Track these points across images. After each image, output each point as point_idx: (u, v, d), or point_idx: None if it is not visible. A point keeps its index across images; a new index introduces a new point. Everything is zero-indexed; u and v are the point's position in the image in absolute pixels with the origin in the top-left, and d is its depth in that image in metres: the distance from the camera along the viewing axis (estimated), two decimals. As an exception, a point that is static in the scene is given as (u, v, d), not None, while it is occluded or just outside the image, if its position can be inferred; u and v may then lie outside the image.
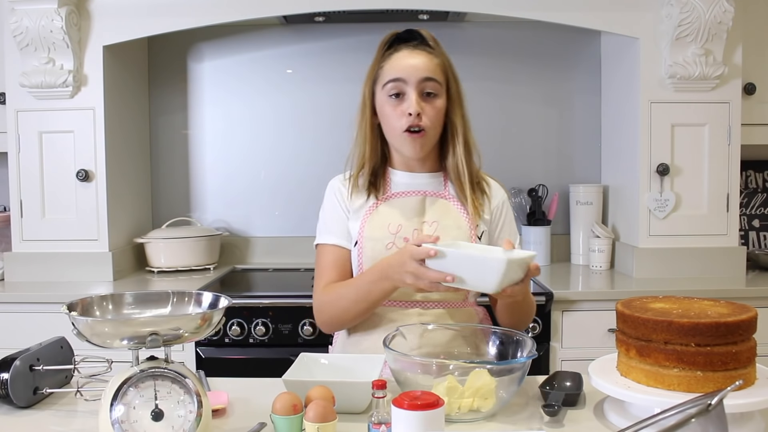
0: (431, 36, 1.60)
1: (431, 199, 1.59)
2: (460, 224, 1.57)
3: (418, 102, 1.51)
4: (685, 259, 2.49)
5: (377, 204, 1.59)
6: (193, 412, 1.08)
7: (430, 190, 1.61)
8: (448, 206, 1.59)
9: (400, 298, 1.55)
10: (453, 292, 1.50)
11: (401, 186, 1.61)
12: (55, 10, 2.39)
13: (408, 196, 1.59)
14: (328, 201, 1.65)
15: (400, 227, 1.55)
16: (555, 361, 2.30)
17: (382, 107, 1.56)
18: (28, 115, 2.52)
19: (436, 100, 1.54)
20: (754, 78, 2.54)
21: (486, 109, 2.93)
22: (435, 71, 1.54)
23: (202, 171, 3.01)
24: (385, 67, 1.55)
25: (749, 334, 1.15)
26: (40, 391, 1.34)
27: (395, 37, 1.59)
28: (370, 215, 1.57)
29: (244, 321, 2.28)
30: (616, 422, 1.19)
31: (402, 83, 1.52)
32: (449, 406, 1.18)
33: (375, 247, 1.55)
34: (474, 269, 1.29)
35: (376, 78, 1.57)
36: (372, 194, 1.59)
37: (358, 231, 1.57)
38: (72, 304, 1.13)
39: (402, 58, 1.54)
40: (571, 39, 2.92)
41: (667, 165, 2.48)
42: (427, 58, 1.54)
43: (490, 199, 1.63)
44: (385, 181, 1.61)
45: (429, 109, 1.53)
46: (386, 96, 1.54)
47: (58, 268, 2.53)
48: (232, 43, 2.96)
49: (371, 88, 1.58)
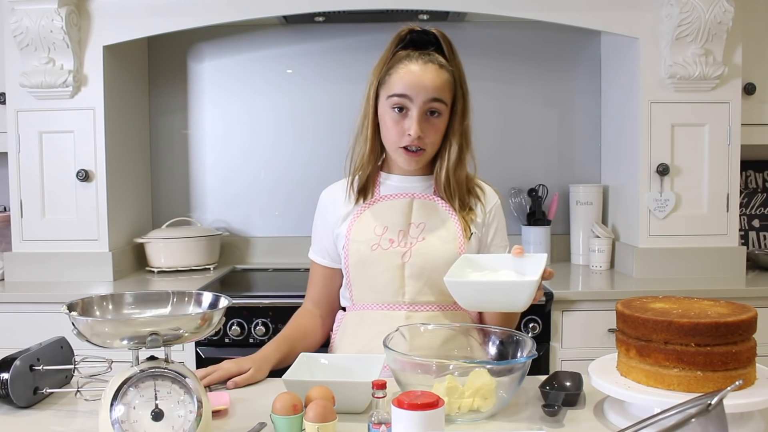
0: (448, 42, 1.55)
1: (419, 201, 1.59)
2: (448, 225, 1.57)
3: (420, 123, 1.49)
4: (685, 259, 2.49)
5: (365, 207, 1.60)
6: (193, 412, 1.08)
7: (419, 192, 1.61)
8: (437, 208, 1.59)
9: (388, 301, 1.56)
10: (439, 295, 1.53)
11: (391, 189, 1.61)
12: (55, 10, 2.39)
13: (396, 199, 1.60)
14: (316, 216, 1.70)
15: (386, 229, 1.56)
16: (555, 361, 2.30)
17: (384, 116, 1.54)
18: (28, 115, 2.52)
19: (438, 119, 1.52)
20: (754, 78, 2.54)
21: (486, 109, 2.93)
22: (443, 90, 1.50)
23: (202, 171, 3.01)
24: (393, 76, 1.51)
25: (749, 334, 1.15)
26: (40, 391, 1.34)
27: (409, 38, 1.54)
28: (358, 218, 1.59)
29: (244, 321, 2.28)
30: (616, 422, 1.19)
31: (407, 100, 1.49)
32: (449, 406, 1.18)
33: (360, 249, 1.56)
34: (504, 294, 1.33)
35: (382, 82, 1.53)
36: (361, 198, 1.60)
37: (345, 234, 1.59)
38: (72, 304, 1.13)
39: (412, 73, 1.49)
40: (571, 39, 2.92)
41: (667, 165, 2.48)
42: (438, 75, 1.50)
43: (484, 204, 1.62)
44: (375, 184, 1.61)
45: (430, 129, 1.51)
46: (389, 107, 1.51)
47: (58, 268, 2.53)
48: (232, 43, 2.96)
49: (376, 90, 1.55)
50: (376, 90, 1.55)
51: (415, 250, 1.54)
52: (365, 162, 1.58)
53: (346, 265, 1.59)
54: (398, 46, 1.54)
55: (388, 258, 1.54)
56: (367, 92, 1.57)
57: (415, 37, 1.54)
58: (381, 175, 1.63)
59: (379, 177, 1.63)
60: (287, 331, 1.65)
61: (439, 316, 1.54)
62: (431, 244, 1.55)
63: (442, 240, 1.55)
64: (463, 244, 1.55)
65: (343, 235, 1.59)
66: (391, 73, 1.52)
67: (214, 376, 1.42)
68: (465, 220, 1.57)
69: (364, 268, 1.56)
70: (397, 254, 1.54)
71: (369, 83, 1.57)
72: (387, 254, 1.55)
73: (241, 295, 2.33)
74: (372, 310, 1.57)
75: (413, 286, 1.54)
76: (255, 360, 1.50)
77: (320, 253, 1.68)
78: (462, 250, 1.54)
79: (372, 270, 1.55)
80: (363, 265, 1.56)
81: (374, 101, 1.56)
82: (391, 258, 1.54)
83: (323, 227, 1.67)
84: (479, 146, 1.63)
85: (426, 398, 1.04)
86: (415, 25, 1.55)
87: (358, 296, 1.60)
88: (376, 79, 1.55)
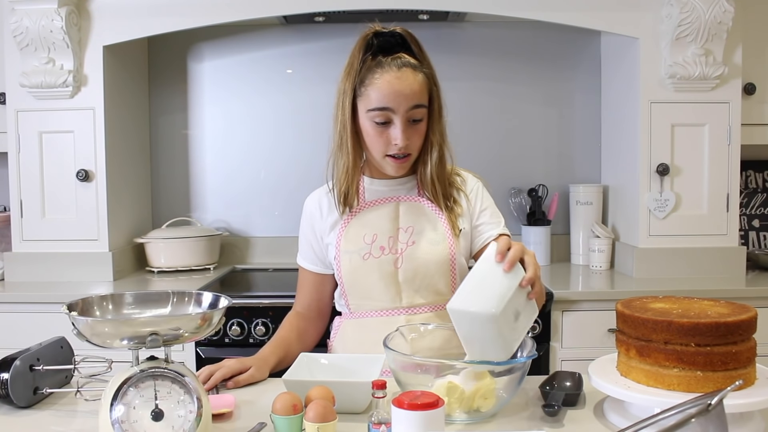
0: (415, 40, 1.53)
1: (405, 205, 1.59)
2: (436, 226, 1.56)
3: (405, 131, 1.48)
4: (685, 259, 2.49)
5: (351, 216, 1.58)
6: (193, 412, 1.08)
7: (404, 195, 1.60)
8: (423, 209, 1.58)
9: (386, 307, 1.55)
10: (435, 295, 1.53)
11: (375, 194, 1.61)
12: (55, 10, 2.39)
13: (381, 204, 1.59)
14: (303, 223, 1.68)
15: (376, 236, 1.56)
16: (555, 361, 2.30)
17: (365, 128, 1.52)
18: (28, 115, 2.52)
19: (420, 124, 1.51)
20: (754, 78, 2.54)
21: (486, 109, 2.93)
22: (421, 95, 1.49)
23: (202, 171, 3.01)
24: (369, 89, 1.48)
25: (749, 334, 1.15)
26: (40, 391, 1.34)
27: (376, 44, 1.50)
28: (346, 228, 1.58)
29: (244, 321, 2.28)
30: (616, 422, 1.19)
31: (389, 112, 1.47)
32: (449, 406, 1.18)
33: (352, 259, 1.56)
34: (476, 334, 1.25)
35: (359, 94, 1.50)
36: (347, 207, 1.58)
37: (335, 245, 1.58)
38: (72, 304, 1.13)
39: (389, 83, 1.46)
40: (571, 39, 2.92)
41: (667, 165, 2.48)
42: (414, 80, 1.47)
43: (466, 192, 1.62)
44: (358, 192, 1.60)
45: (414, 134, 1.51)
46: (370, 120, 1.49)
47: (58, 268, 2.53)
48: (232, 43, 2.96)
49: (352, 101, 1.51)
50: (352, 101, 1.51)
51: (407, 255, 1.54)
52: (350, 173, 1.56)
53: (339, 275, 1.59)
54: (366, 53, 1.51)
55: (380, 266, 1.54)
56: (340, 102, 1.53)
57: (382, 42, 1.51)
58: (364, 180, 1.62)
59: (362, 183, 1.61)
60: (282, 334, 1.64)
61: (438, 317, 1.54)
62: (421, 248, 1.55)
63: (431, 242, 1.55)
64: (453, 244, 1.55)
65: (333, 245, 1.59)
66: (366, 84, 1.49)
67: (217, 375, 1.42)
68: (452, 218, 1.57)
69: (358, 278, 1.56)
70: (389, 262, 1.54)
71: (340, 92, 1.53)
72: (379, 262, 1.54)
73: (241, 295, 2.33)
74: (371, 318, 1.57)
75: (409, 290, 1.55)
76: (256, 359, 1.50)
77: (309, 259, 1.67)
78: (452, 249, 1.55)
79: (366, 279, 1.55)
80: (356, 275, 1.56)
81: (351, 112, 1.52)
82: (384, 266, 1.54)
83: (312, 234, 1.65)
84: (480, 146, 1.64)
85: (426, 398, 1.04)
86: (379, 26, 1.53)
87: (355, 304, 1.60)
88: (351, 89, 1.51)
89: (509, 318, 1.23)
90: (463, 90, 2.92)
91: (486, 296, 1.22)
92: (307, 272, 1.68)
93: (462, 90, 2.91)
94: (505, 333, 1.22)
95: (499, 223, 1.63)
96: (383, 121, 1.49)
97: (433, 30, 2.88)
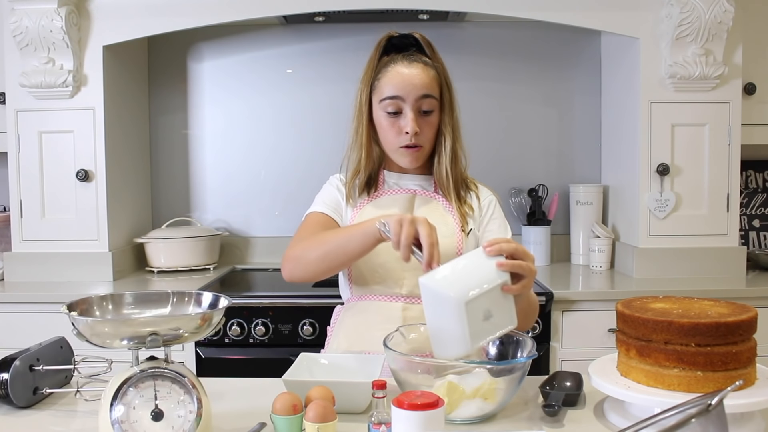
0: (427, 41, 1.61)
1: (421, 199, 1.63)
2: (447, 222, 1.59)
3: (416, 120, 1.54)
4: (685, 259, 2.49)
5: (367, 201, 1.62)
6: (193, 412, 1.08)
7: (421, 190, 1.64)
8: (437, 206, 1.62)
9: (386, 292, 1.57)
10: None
11: (393, 186, 1.65)
12: (55, 10, 2.39)
13: (398, 194, 1.63)
14: (326, 187, 1.69)
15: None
16: (555, 361, 2.30)
17: (379, 120, 1.58)
18: (28, 115, 2.52)
19: (431, 116, 1.57)
20: (754, 78, 2.54)
21: (486, 109, 2.93)
22: (431, 86, 1.56)
23: (202, 171, 3.01)
24: (382, 81, 1.56)
25: (749, 334, 1.15)
26: (40, 391, 1.34)
27: (390, 43, 1.60)
28: (360, 212, 1.61)
29: (244, 321, 2.28)
30: (616, 422, 1.19)
31: (400, 101, 1.54)
32: (449, 406, 1.18)
33: None
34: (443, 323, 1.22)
35: (373, 89, 1.58)
36: (364, 193, 1.63)
37: (349, 221, 1.61)
38: (72, 304, 1.13)
39: (399, 73, 1.54)
40: (571, 39, 2.92)
41: (667, 165, 2.48)
42: (424, 72, 1.55)
43: (479, 197, 1.66)
44: (378, 182, 1.65)
45: (425, 126, 1.56)
46: (383, 111, 1.56)
47: (58, 268, 2.53)
48: (232, 43, 2.96)
49: (368, 96, 1.59)
50: (369, 96, 1.59)
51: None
52: (362, 167, 1.62)
53: None
54: (382, 54, 1.60)
55: (388, 250, 1.54)
56: (358, 99, 1.61)
57: (397, 42, 1.60)
58: (383, 173, 1.66)
59: (381, 175, 1.66)
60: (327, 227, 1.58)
61: None
62: None
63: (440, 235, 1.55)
64: (461, 240, 1.58)
65: (348, 222, 1.61)
66: (380, 77, 1.57)
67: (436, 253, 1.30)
68: (463, 216, 1.60)
69: (366, 257, 1.57)
70: None
71: (359, 91, 1.61)
72: (387, 245, 1.55)
73: (241, 295, 2.33)
74: (370, 300, 1.59)
75: (411, 279, 1.55)
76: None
77: (329, 206, 1.63)
78: (460, 245, 1.57)
79: (373, 260, 1.57)
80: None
81: (367, 108, 1.60)
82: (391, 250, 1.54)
83: (336, 192, 1.65)
84: (479, 146, 1.65)
85: (426, 398, 1.04)
86: (394, 32, 1.61)
87: (358, 287, 1.61)
88: (367, 86, 1.59)
89: (477, 314, 1.18)
90: (463, 90, 2.85)
91: (461, 283, 1.19)
92: (322, 215, 1.63)
93: (462, 90, 2.84)
94: (467, 327, 1.17)
95: (506, 235, 1.64)
96: (394, 111, 1.55)
97: (433, 30, 2.86)
